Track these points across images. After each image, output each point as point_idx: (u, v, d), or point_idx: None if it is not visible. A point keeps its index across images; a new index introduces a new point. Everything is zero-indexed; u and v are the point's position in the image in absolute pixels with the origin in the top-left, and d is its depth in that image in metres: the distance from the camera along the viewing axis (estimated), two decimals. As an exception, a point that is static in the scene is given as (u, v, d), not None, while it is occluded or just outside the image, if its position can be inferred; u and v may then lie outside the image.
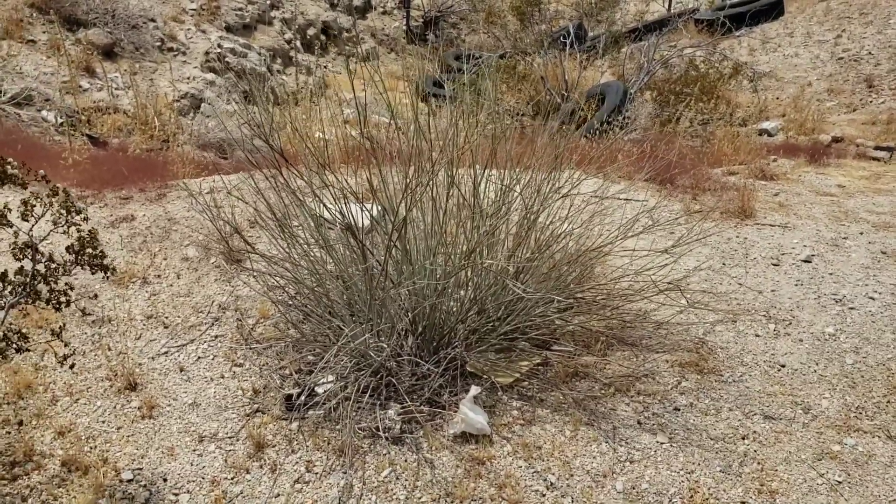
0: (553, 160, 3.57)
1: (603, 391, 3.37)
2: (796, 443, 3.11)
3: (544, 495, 2.81)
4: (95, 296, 3.85)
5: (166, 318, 3.86)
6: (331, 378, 3.30)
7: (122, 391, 3.31)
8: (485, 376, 3.42)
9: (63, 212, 2.42)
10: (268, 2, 13.56)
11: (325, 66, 13.94)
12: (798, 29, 13.46)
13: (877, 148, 8.13)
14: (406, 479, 2.87)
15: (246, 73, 11.42)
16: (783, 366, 3.59)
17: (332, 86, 13.09)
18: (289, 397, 3.26)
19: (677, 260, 3.76)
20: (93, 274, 2.59)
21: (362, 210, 3.43)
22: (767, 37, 13.54)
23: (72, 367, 2.90)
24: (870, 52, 11.61)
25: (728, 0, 15.57)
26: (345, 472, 2.90)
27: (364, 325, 3.29)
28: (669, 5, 16.49)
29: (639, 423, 3.19)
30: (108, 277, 2.71)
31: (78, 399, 3.27)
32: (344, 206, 3.38)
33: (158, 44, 10.54)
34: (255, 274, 3.80)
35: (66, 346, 2.97)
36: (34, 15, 9.42)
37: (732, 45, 13.07)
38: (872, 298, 4.10)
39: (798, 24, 13.66)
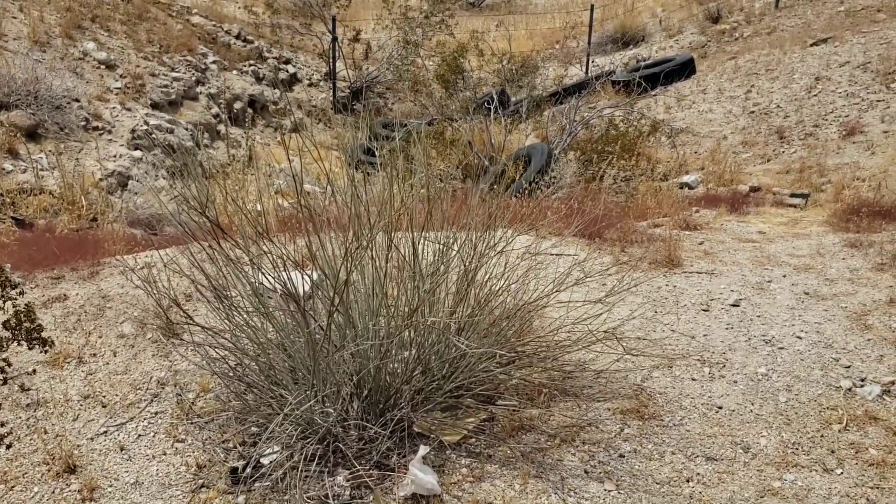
0: (487, 219, 3.67)
1: (549, 443, 3.41)
2: (738, 482, 3.19)
3: (499, 550, 2.81)
4: (34, 371, 3.74)
5: (104, 397, 3.77)
6: (276, 448, 3.26)
7: (61, 475, 3.20)
8: (432, 435, 3.42)
9: (-2, 289, 2.38)
10: (193, 78, 13.60)
11: (253, 139, 13.98)
12: (710, 86, 14.12)
13: (792, 195, 8.53)
14: (359, 545, 2.83)
15: (174, 148, 11.37)
16: (720, 407, 3.69)
17: (262, 158, 13.13)
18: (234, 470, 3.21)
19: (611, 309, 3.86)
20: (30, 349, 2.53)
21: (302, 276, 3.45)
22: (682, 94, 14.17)
23: (9, 447, 2.80)
24: (778, 106, 12.24)
25: (642, 62, 16.30)
26: (296, 543, 2.85)
27: (308, 392, 3.27)
28: (587, 69, 17.16)
29: (586, 472, 3.23)
30: (46, 351, 2.66)
31: (13, 486, 3.15)
32: (283, 273, 3.40)
33: (83, 123, 10.43)
34: (194, 347, 3.75)
35: (1, 425, 2.88)
36: (-47, 99, 9.26)
37: (649, 104, 13.63)
38: (800, 338, 4.27)
39: (710, 81, 14.35)
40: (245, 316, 3.48)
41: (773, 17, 16.79)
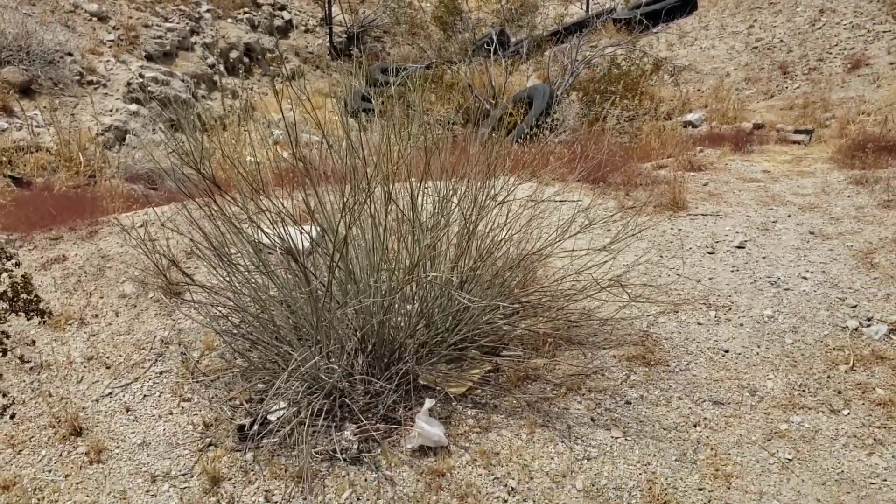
0: (487, 168, 3.60)
1: (555, 392, 3.41)
2: (746, 425, 3.19)
3: (506, 501, 2.82)
4: (33, 342, 3.73)
5: (107, 358, 3.77)
6: (283, 404, 3.26)
7: (67, 437, 3.22)
8: (438, 388, 3.42)
9: (-8, 259, 2.35)
10: (187, 28, 13.36)
11: (250, 89, 13.80)
12: (712, 22, 13.85)
13: (796, 132, 8.41)
14: (367, 499, 2.85)
15: (170, 101, 11.23)
16: (727, 351, 3.68)
17: (259, 108, 12.97)
18: (241, 427, 3.21)
19: (615, 256, 3.82)
20: (28, 319, 2.51)
21: (301, 232, 3.41)
22: (684, 31, 13.91)
23: (12, 417, 2.80)
24: (781, 40, 12.01)
25: (643, -1, 15.96)
26: (304, 499, 2.86)
27: (313, 348, 3.26)
28: (587, 7, 16.81)
29: (592, 420, 3.23)
30: (44, 322, 2.63)
31: (21, 450, 3.16)
32: (282, 229, 3.35)
33: (77, 78, 10.28)
34: (196, 305, 3.74)
35: (4, 395, 2.87)
36: (-58, 56, 9.12)
37: (651, 42, 13.37)
38: (805, 278, 4.24)
39: (712, 17, 14.06)
40: (245, 274, 3.45)
41: (777, -54, 16.36)
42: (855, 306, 3.96)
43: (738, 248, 4.63)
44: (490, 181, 3.58)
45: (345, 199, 3.12)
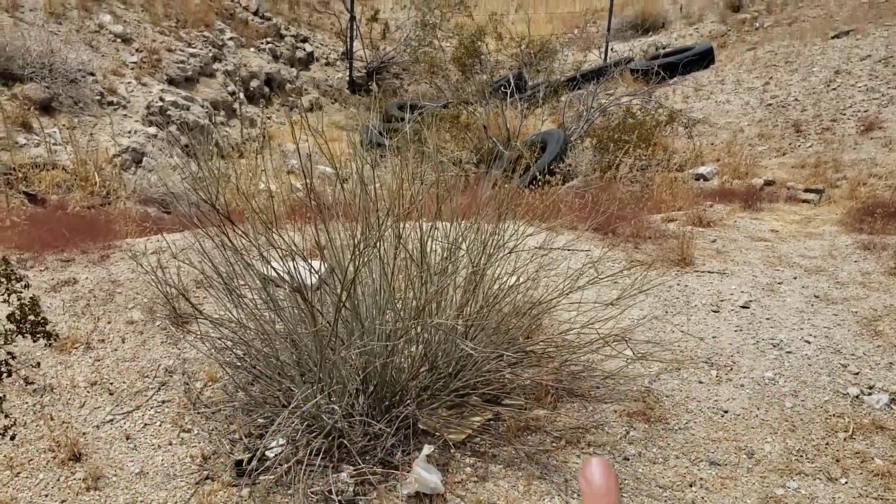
0: (496, 215, 3.65)
1: (554, 444, 3.41)
2: (742, 488, 3.18)
3: (499, 553, 2.82)
4: (38, 364, 3.76)
5: (111, 384, 3.79)
6: (282, 441, 3.27)
7: (66, 462, 3.23)
8: (437, 433, 3.42)
9: (3, 280, 2.39)
10: (210, 54, 13.57)
11: (268, 118, 13.97)
12: (728, 77, 13.98)
13: (806, 190, 8.45)
14: (360, 543, 2.85)
15: (188, 126, 11.37)
16: (726, 411, 3.68)
17: (276, 137, 13.12)
18: (239, 462, 3.22)
19: (618, 310, 3.85)
20: (34, 341, 2.54)
21: (310, 268, 3.45)
22: (700, 84, 14.03)
23: (12, 438, 2.82)
24: (796, 99, 12.11)
25: (661, 50, 16.14)
26: (298, 539, 2.86)
27: (315, 387, 3.28)
28: (606, 55, 17.00)
29: (590, 475, 3.22)
30: (50, 344, 2.66)
31: (19, 473, 3.18)
32: (291, 264, 3.39)
33: (98, 98, 10.43)
34: (201, 336, 3.77)
35: (6, 417, 2.90)
36: (-33, 71, 9.27)
37: (667, 93, 13.50)
38: (808, 342, 4.25)
39: (728, 72, 14.20)
40: (252, 307, 3.48)
41: (795, 6, 16.56)
42: (857, 373, 3.96)
43: (743, 307, 4.65)
44: (500, 227, 3.62)
45: (355, 241, 3.16)
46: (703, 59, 14.64)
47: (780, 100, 12.23)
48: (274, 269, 3.43)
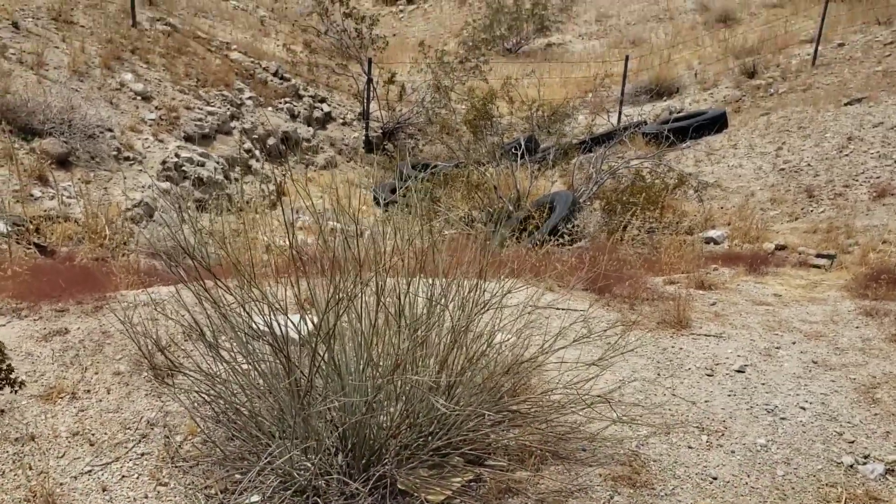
0: (478, 272, 3.63)
1: (534, 508, 3.33)
2: (727, 559, 3.08)
3: None
4: (2, 411, 3.75)
5: (93, 434, 3.76)
6: (255, 498, 3.22)
7: (38, 513, 3.19)
8: (416, 494, 3.35)
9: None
10: (228, 112, 13.84)
11: (283, 175, 14.15)
12: (741, 141, 14.04)
13: (818, 256, 8.40)
14: None
15: (202, 181, 11.54)
16: (715, 478, 3.58)
17: (290, 194, 13.26)
18: (211, 518, 3.17)
19: (607, 370, 3.79)
20: (0, 389, 2.53)
21: (289, 323, 3.43)
22: (712, 148, 14.09)
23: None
24: (809, 164, 12.12)
25: (674, 114, 16.27)
26: None
27: (290, 443, 3.24)
28: (618, 119, 17.17)
29: (569, 540, 3.14)
30: (16, 391, 2.65)
31: (-11, 523, 3.14)
32: (272, 319, 3.38)
33: (115, 153, 10.64)
34: (181, 390, 3.74)
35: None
36: (-11, 125, 9.51)
37: (678, 157, 13.56)
38: (803, 408, 4.15)
39: (741, 136, 14.26)
40: (232, 362, 3.47)
41: (810, 74, 16.70)
42: (852, 441, 3.85)
43: (738, 371, 4.56)
44: (480, 285, 3.60)
45: (332, 292, 3.15)
46: (716, 123, 14.73)
47: (792, 165, 12.24)
48: (255, 323, 3.42)
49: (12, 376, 2.49)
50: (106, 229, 8.29)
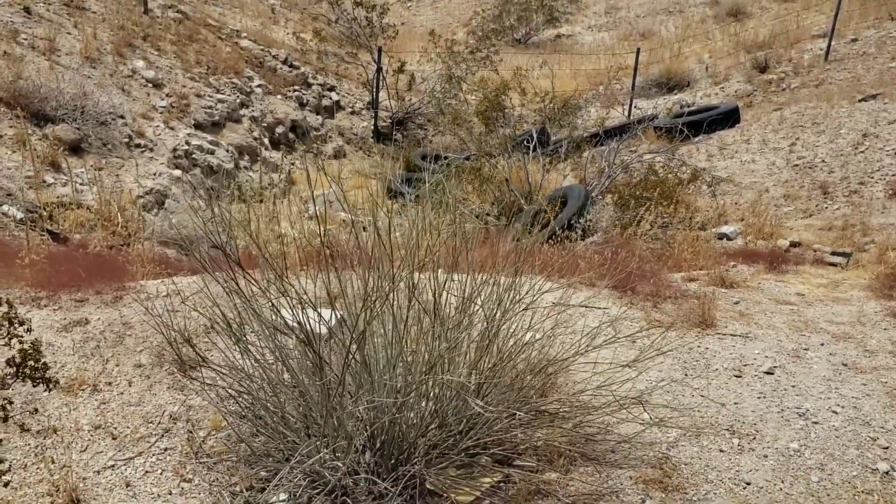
0: (513, 270, 3.57)
1: (566, 510, 3.27)
2: (764, 567, 3.02)
3: None
4: (36, 410, 3.69)
5: (115, 428, 3.71)
6: (283, 496, 3.16)
7: (63, 509, 3.14)
8: (445, 494, 3.30)
9: (4, 323, 2.33)
10: (238, 100, 13.75)
11: (292, 164, 14.07)
12: (754, 136, 13.92)
13: (833, 253, 8.30)
14: None
15: (213, 169, 11.47)
16: (748, 483, 3.52)
17: (299, 182, 13.19)
18: (238, 517, 3.11)
19: (639, 374, 3.73)
20: (34, 386, 2.47)
21: (320, 318, 3.37)
22: (725, 143, 13.98)
23: (6, 485, 2.74)
24: (823, 160, 12.01)
25: (686, 108, 16.15)
26: None
27: (319, 441, 3.18)
28: (630, 112, 17.05)
29: (603, 545, 3.09)
30: (49, 389, 2.60)
31: (13, 518, 3.09)
32: (301, 313, 3.32)
33: (126, 140, 10.56)
34: (207, 384, 3.68)
35: (1, 462, 2.81)
36: (2, 110, 9.41)
37: (691, 151, 13.46)
38: (835, 412, 4.09)
39: (754, 131, 14.14)
40: (259, 357, 3.41)
41: (822, 69, 16.56)
42: (887, 447, 3.79)
43: (767, 373, 4.50)
44: (516, 283, 3.53)
45: (367, 292, 3.09)
46: (729, 118, 14.61)
47: (806, 161, 12.13)
48: (283, 317, 3.36)
49: (47, 374, 2.44)
50: (118, 217, 8.22)
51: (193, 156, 11.30)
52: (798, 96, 15.46)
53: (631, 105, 17.67)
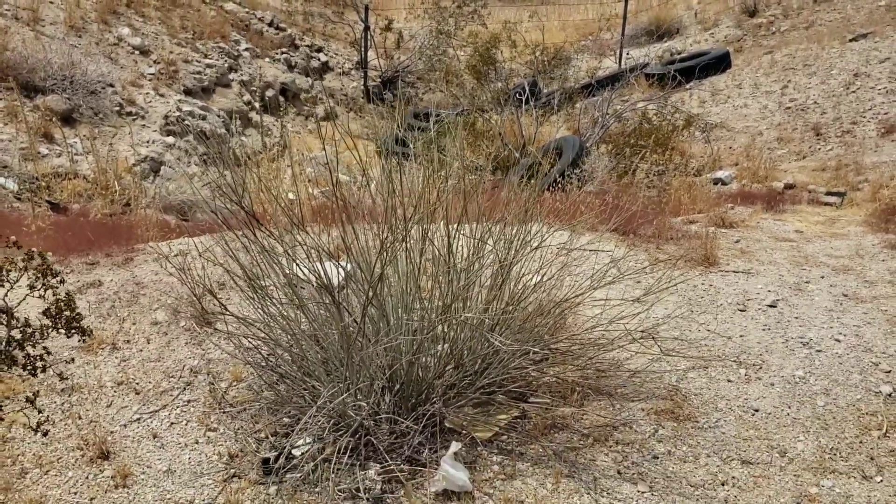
0: (523, 214, 3.63)
1: (582, 442, 3.38)
2: (775, 487, 3.14)
3: (531, 550, 2.78)
4: (72, 359, 3.77)
5: (137, 384, 3.79)
6: (308, 440, 3.25)
7: (95, 460, 3.23)
8: (464, 431, 3.40)
9: (39, 275, 2.39)
10: (226, 65, 13.65)
11: (284, 126, 14.02)
12: (746, 80, 13.92)
13: (828, 193, 8.38)
14: (390, 540, 2.82)
15: (205, 135, 11.43)
16: (756, 410, 3.63)
17: (292, 145, 13.15)
18: (266, 461, 3.21)
19: (648, 309, 3.81)
20: (68, 338, 2.54)
21: (336, 267, 3.44)
22: (717, 89, 13.98)
23: (45, 434, 2.82)
24: (815, 102, 12.04)
25: (677, 55, 16.10)
26: (327, 536, 2.84)
27: (341, 385, 3.26)
28: (620, 61, 16.97)
29: (619, 472, 3.19)
30: (84, 340, 2.67)
31: (48, 471, 3.18)
32: (317, 263, 3.38)
33: (117, 108, 10.51)
34: (227, 336, 3.76)
35: (39, 412, 2.89)
36: (-9, 83, 9.35)
37: (683, 98, 13.46)
38: (838, 340, 4.19)
39: (745, 76, 14.14)
40: (278, 306, 3.48)
41: (812, 10, 16.49)
42: (889, 371, 3.90)
43: (770, 306, 4.60)
44: (525, 227, 3.60)
45: (381, 238, 3.15)
46: (720, 63, 14.58)
47: (798, 103, 12.16)
48: (299, 266, 3.42)
49: (81, 324, 2.50)
50: (115, 185, 8.23)
51: (185, 122, 11.27)
52: (788, 39, 15.41)
53: (621, 54, 17.59)
